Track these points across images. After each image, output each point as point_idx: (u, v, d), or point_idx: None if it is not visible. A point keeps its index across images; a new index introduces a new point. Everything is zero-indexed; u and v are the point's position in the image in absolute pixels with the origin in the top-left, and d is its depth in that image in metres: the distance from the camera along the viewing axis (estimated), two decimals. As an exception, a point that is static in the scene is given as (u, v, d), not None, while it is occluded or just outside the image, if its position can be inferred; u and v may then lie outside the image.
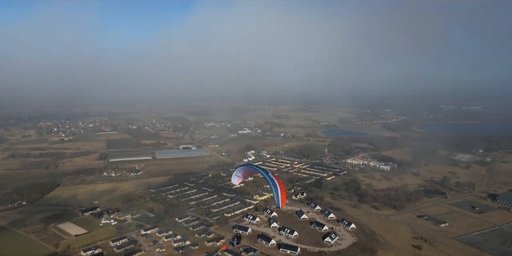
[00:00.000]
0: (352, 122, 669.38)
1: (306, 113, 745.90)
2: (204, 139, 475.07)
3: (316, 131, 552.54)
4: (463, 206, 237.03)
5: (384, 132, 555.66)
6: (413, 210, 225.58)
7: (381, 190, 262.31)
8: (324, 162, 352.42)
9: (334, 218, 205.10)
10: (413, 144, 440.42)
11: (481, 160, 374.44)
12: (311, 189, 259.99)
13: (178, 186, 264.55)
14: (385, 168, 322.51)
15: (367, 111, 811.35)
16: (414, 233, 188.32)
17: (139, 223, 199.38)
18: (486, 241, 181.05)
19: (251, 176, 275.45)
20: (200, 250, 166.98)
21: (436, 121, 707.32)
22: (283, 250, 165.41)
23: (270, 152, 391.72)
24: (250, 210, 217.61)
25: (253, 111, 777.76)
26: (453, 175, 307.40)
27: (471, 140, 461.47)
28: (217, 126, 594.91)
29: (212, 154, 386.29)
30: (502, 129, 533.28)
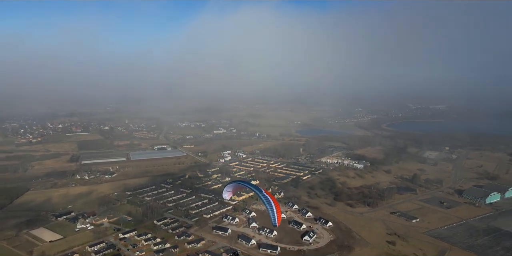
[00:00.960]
0: (326, 121, 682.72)
1: (280, 112, 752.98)
2: (179, 139, 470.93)
3: (291, 130, 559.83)
4: (432, 202, 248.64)
5: (357, 131, 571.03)
6: (386, 207, 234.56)
7: (355, 188, 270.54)
8: (300, 161, 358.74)
9: (311, 216, 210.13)
10: (384, 143, 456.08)
11: (448, 157, 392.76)
12: (288, 189, 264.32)
13: (155, 188, 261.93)
14: (358, 166, 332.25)
15: (340, 110, 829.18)
16: (387, 229, 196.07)
17: (117, 227, 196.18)
18: (454, 235, 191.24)
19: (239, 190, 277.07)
20: (180, 253, 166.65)
21: (405, 120, 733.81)
22: (263, 250, 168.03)
23: (246, 151, 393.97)
24: (229, 211, 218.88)
25: (228, 111, 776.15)
26: (422, 172, 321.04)
27: (437, 138, 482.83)
28: (192, 126, 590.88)
29: (188, 154, 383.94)
30: (466, 127, 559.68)
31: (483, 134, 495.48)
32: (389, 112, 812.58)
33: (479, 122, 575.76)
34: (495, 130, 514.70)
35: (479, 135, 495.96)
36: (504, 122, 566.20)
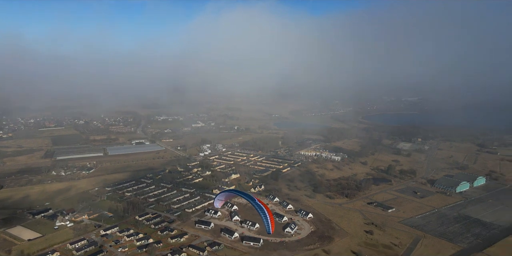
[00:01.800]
0: (303, 114, 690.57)
1: (258, 105, 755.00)
2: (157, 134, 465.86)
3: (269, 123, 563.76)
4: (407, 192, 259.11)
5: (333, 123, 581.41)
6: (363, 198, 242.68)
7: (333, 180, 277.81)
8: (279, 154, 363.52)
9: (292, 208, 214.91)
10: (360, 135, 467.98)
11: (420, 148, 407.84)
12: (268, 181, 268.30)
13: (135, 183, 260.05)
14: (336, 159, 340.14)
15: (317, 103, 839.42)
16: (365, 219, 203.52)
17: (98, 223, 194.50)
18: (427, 223, 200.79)
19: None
20: (164, 248, 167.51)
21: (379, 112, 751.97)
22: (246, 242, 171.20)
23: (225, 145, 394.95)
24: (211, 204, 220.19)
25: (206, 104, 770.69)
26: (397, 163, 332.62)
27: (410, 130, 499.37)
28: (169, 120, 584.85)
29: (167, 148, 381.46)
30: (437, 119, 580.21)
31: (453, 126, 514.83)
32: (364, 104, 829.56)
33: (449, 114, 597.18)
34: (464, 122, 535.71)
35: (449, 126, 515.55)
36: (473, 114, 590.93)
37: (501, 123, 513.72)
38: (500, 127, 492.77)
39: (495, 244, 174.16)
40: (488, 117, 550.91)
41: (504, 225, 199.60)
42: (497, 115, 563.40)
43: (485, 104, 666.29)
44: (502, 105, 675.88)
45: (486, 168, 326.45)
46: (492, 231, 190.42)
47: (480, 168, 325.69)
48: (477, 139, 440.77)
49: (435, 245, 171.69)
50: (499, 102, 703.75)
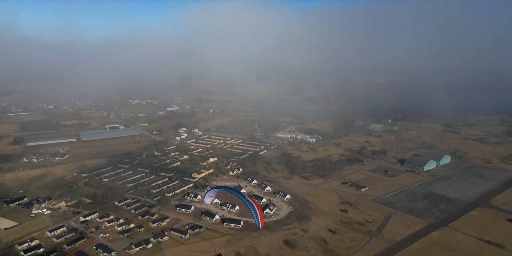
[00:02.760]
0: (277, 96, 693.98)
1: (233, 88, 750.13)
2: (131, 118, 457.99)
3: (244, 106, 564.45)
4: (378, 171, 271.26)
5: (307, 106, 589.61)
6: (338, 178, 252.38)
7: (309, 161, 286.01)
8: (256, 136, 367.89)
9: (270, 190, 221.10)
10: (333, 117, 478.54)
11: (390, 129, 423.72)
12: (246, 164, 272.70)
13: (112, 169, 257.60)
14: (311, 140, 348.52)
15: (290, 85, 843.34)
16: (340, 198, 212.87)
17: (76, 210, 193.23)
18: (398, 200, 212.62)
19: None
20: (145, 232, 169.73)
21: (351, 94, 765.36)
22: (227, 224, 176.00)
23: (201, 128, 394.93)
24: (190, 188, 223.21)
25: (180, 87, 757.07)
26: (369, 144, 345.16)
27: (381, 111, 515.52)
28: (143, 104, 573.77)
29: (142, 133, 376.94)
30: (405, 100, 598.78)
31: (421, 107, 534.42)
32: (337, 86, 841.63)
33: (417, 96, 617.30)
34: (431, 103, 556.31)
35: (417, 107, 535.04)
36: (440, 95, 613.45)
37: (468, 104, 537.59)
38: (466, 107, 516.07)
39: (459, 218, 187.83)
40: (456, 98, 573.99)
41: (467, 200, 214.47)
42: (465, 96, 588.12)
43: (454, 84, 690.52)
44: (471, 86, 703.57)
45: (451, 147, 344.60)
46: (457, 206, 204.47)
47: (445, 147, 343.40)
48: (443, 119, 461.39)
49: (405, 220, 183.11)
50: (469, 83, 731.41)
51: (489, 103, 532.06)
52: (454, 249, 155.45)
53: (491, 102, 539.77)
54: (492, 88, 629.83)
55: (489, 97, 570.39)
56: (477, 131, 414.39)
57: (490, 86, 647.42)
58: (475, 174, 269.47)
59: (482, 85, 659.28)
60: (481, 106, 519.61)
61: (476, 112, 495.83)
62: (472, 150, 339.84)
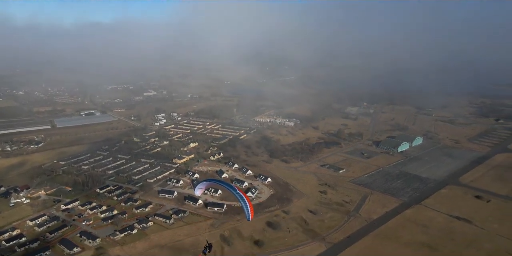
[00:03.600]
0: (255, 80, 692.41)
1: (210, 72, 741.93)
2: (107, 103, 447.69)
3: (222, 90, 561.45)
4: (355, 153, 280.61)
5: (285, 89, 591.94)
6: (317, 161, 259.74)
7: (288, 145, 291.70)
8: (235, 121, 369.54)
9: (251, 174, 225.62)
10: (311, 100, 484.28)
11: (366, 112, 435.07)
12: (227, 149, 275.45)
13: (91, 156, 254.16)
14: (289, 124, 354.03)
15: (267, 69, 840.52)
16: (319, 180, 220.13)
17: (57, 198, 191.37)
18: (374, 181, 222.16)
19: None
20: (129, 218, 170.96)
21: (326, 78, 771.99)
22: (210, 208, 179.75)
23: (180, 114, 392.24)
24: (172, 174, 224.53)
25: (156, 71, 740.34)
26: (345, 127, 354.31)
27: (356, 95, 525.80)
28: (119, 89, 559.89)
29: (120, 119, 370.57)
30: (380, 83, 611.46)
31: (395, 90, 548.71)
32: (312, 70, 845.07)
33: (391, 79, 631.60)
34: (405, 86, 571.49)
35: (391, 90, 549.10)
36: (412, 79, 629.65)
37: (439, 87, 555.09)
38: (437, 90, 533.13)
39: (431, 196, 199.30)
40: (427, 81, 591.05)
41: (438, 179, 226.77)
42: (436, 79, 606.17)
43: (425, 68, 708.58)
44: (442, 70, 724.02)
45: (423, 129, 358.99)
46: (428, 185, 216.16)
47: (418, 129, 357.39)
48: (416, 102, 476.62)
49: (381, 200, 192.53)
50: (439, 68, 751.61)
51: (458, 86, 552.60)
52: (426, 225, 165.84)
53: (460, 85, 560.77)
54: (461, 73, 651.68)
55: (458, 80, 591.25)
56: (447, 113, 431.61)
57: (459, 70, 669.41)
58: (445, 154, 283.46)
59: (452, 69, 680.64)
60: (451, 89, 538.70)
61: (446, 95, 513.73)
62: (442, 131, 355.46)
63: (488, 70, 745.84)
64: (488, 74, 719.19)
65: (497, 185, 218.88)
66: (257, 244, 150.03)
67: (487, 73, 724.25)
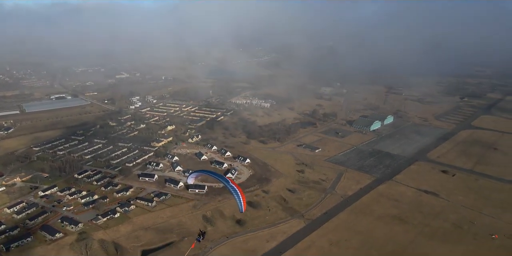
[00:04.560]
0: (229, 61, 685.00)
1: (182, 53, 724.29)
2: (78, 87, 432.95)
3: (196, 72, 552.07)
4: (330, 133, 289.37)
5: (259, 70, 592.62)
6: (293, 141, 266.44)
7: (265, 126, 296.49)
8: (211, 103, 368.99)
9: (230, 155, 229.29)
10: (286, 81, 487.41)
11: (339, 92, 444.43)
12: (204, 131, 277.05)
13: (66, 141, 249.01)
14: (265, 105, 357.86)
15: (240, 49, 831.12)
16: (296, 160, 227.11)
17: (33, 185, 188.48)
18: (348, 159, 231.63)
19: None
20: (111, 202, 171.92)
21: (300, 59, 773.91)
22: (191, 190, 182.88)
23: (155, 96, 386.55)
24: (151, 157, 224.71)
25: (128, 53, 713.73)
26: (320, 107, 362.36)
27: (330, 75, 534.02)
28: (89, 71, 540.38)
29: (92, 102, 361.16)
30: (353, 63, 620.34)
31: (367, 70, 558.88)
32: (286, 50, 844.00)
33: (363, 59, 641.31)
34: (375, 66, 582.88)
35: (363, 70, 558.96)
36: (383, 59, 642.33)
37: (408, 67, 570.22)
38: (406, 70, 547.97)
39: (401, 172, 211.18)
40: (398, 62, 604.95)
41: (408, 156, 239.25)
42: (406, 60, 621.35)
43: (396, 49, 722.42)
44: (412, 51, 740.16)
45: (393, 108, 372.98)
46: (399, 162, 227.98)
47: (389, 108, 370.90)
48: (386, 82, 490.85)
49: (355, 177, 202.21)
50: (409, 49, 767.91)
51: (426, 67, 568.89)
52: (397, 199, 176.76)
53: (428, 65, 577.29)
54: (429, 54, 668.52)
55: (426, 61, 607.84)
56: (415, 92, 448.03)
57: (428, 52, 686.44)
58: (414, 131, 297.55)
59: (421, 51, 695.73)
60: (420, 69, 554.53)
61: (416, 75, 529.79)
62: (412, 109, 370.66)
63: (465, 52, 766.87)
64: (463, 56, 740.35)
65: (461, 160, 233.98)
66: (239, 223, 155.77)
67: (462, 55, 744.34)
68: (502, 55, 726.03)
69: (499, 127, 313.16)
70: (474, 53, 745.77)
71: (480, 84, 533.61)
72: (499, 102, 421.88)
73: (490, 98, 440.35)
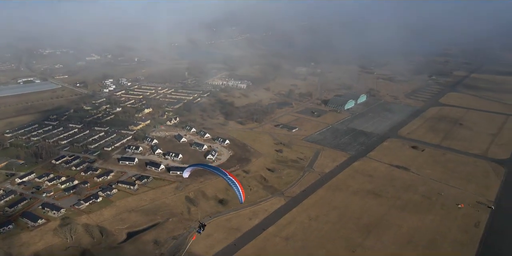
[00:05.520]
0: (202, 42, 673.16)
1: (155, 34, 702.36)
2: (47, 70, 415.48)
3: (170, 53, 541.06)
4: (306, 113, 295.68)
5: (234, 51, 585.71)
6: (270, 121, 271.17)
7: (242, 107, 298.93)
8: (187, 85, 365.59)
9: (209, 137, 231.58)
10: (261, 61, 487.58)
11: (314, 71, 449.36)
12: (182, 113, 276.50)
13: (39, 127, 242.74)
14: (242, 86, 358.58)
15: (214, 29, 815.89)
16: (274, 140, 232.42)
17: (9, 172, 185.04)
18: (324, 138, 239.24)
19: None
20: (92, 187, 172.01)
21: (274, 38, 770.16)
22: (173, 172, 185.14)
23: (129, 79, 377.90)
24: (130, 141, 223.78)
25: (99, 35, 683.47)
26: (295, 87, 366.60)
27: (304, 55, 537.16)
28: (57, 53, 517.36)
29: (64, 86, 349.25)
30: (326, 43, 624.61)
31: (340, 49, 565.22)
32: (259, 30, 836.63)
33: (337, 39, 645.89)
34: (349, 46, 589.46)
35: (337, 50, 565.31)
36: (356, 39, 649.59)
37: (379, 46, 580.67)
38: (377, 49, 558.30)
39: (374, 149, 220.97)
40: (370, 41, 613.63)
41: (380, 133, 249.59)
42: (377, 39, 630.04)
43: (369, 29, 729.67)
44: (384, 30, 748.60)
45: (366, 87, 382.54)
46: (372, 139, 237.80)
47: (362, 87, 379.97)
48: (359, 61, 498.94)
49: (332, 155, 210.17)
50: (381, 27, 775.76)
51: (396, 46, 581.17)
52: (371, 175, 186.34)
53: (398, 45, 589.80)
54: (400, 34, 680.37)
55: (397, 40, 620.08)
56: (387, 71, 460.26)
57: (399, 31, 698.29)
58: (386, 109, 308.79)
59: (393, 30, 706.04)
60: (390, 49, 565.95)
61: (386, 54, 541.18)
62: (383, 88, 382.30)
63: (435, 34, 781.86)
64: (433, 36, 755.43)
65: (429, 135, 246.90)
66: (222, 203, 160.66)
67: (433, 37, 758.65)
68: (467, 35, 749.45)
69: (464, 104, 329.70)
70: (444, 35, 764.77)
71: (447, 63, 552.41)
72: (465, 79, 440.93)
73: (456, 76, 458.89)
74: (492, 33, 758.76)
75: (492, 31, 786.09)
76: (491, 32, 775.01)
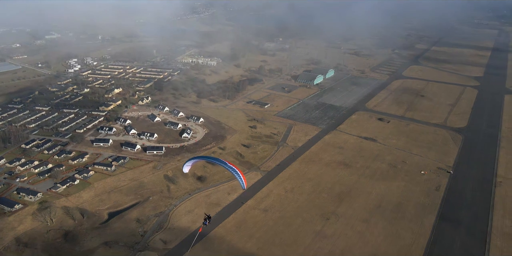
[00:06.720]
0: (168, 18, 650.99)
1: (119, 9, 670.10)
2: (3, 49, 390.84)
3: (135, 30, 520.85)
4: (277, 89, 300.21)
5: (201, 27, 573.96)
6: (243, 98, 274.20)
7: (213, 84, 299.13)
8: (157, 63, 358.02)
9: (183, 115, 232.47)
10: (229, 37, 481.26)
11: (282, 47, 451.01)
12: (153, 92, 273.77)
13: (3, 110, 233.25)
14: (212, 64, 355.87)
15: (181, 5, 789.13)
16: (248, 116, 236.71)
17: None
18: (296, 113, 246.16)
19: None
20: (68, 170, 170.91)
21: (240, 13, 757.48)
22: (149, 152, 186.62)
23: (95, 58, 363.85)
24: (102, 122, 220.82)
25: (56, 11, 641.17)
26: (265, 63, 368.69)
27: (271, 30, 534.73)
28: (13, 32, 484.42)
29: (24, 67, 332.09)
30: (291, 18, 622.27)
31: (305, 25, 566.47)
32: (227, 6, 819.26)
33: (302, 13, 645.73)
34: (314, 20, 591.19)
35: (303, 25, 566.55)
36: (321, 13, 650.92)
37: (343, 21, 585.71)
38: (342, 24, 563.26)
39: (344, 122, 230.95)
40: (334, 16, 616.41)
41: (348, 106, 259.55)
42: (340, 13, 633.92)
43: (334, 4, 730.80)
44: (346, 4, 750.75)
45: (334, 61, 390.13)
46: (341, 113, 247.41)
47: (330, 62, 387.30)
48: (326, 36, 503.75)
49: (304, 129, 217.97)
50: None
51: (360, 21, 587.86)
52: (341, 147, 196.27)
53: (361, 19, 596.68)
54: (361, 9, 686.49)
55: (359, 15, 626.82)
56: (353, 46, 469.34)
57: (360, 6, 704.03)
58: (353, 83, 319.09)
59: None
60: (355, 23, 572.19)
61: (351, 29, 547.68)
62: (350, 62, 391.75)
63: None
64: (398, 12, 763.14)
65: (394, 107, 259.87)
66: (200, 180, 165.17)
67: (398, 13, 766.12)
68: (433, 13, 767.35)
69: (425, 76, 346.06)
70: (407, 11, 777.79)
71: (409, 36, 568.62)
72: (426, 52, 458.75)
73: (418, 49, 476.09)
74: (452, 8, 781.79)
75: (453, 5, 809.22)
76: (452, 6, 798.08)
